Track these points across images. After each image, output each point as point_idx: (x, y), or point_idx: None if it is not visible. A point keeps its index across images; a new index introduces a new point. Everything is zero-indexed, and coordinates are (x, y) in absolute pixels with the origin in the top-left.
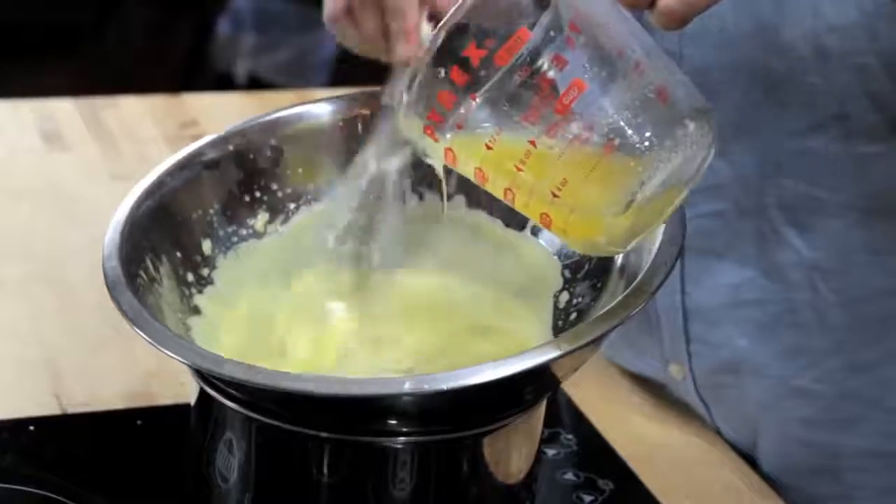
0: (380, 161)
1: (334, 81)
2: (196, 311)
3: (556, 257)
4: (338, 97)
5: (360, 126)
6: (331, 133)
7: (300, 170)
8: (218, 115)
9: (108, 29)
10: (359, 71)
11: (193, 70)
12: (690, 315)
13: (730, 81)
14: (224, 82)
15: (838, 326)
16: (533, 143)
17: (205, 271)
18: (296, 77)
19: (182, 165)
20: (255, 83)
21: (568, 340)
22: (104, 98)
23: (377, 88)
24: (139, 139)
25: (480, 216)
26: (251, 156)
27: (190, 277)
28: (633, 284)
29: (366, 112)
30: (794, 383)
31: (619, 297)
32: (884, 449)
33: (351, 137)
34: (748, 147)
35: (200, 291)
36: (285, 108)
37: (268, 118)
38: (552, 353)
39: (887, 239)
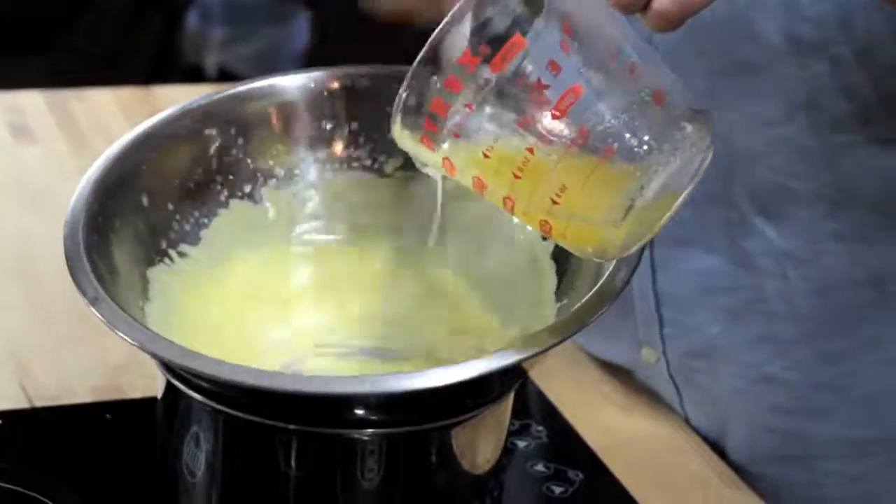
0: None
1: None
2: (157, 293)
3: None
4: (307, 70)
5: (328, 100)
6: (298, 107)
7: (266, 145)
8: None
9: (79, 22)
10: (332, 63)
11: (163, 63)
12: (662, 300)
13: (701, 69)
14: (194, 75)
15: (808, 315)
16: (531, 150)
17: (168, 251)
18: (266, 70)
19: (140, 143)
20: (225, 76)
21: (538, 341)
22: (73, 91)
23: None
24: (108, 132)
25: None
26: (214, 131)
27: (153, 258)
28: (604, 278)
29: (335, 86)
30: (765, 371)
31: (591, 292)
32: (853, 437)
33: (319, 112)
34: (719, 135)
35: (163, 271)
36: (249, 81)
37: (230, 92)
38: (521, 355)
39: (857, 228)
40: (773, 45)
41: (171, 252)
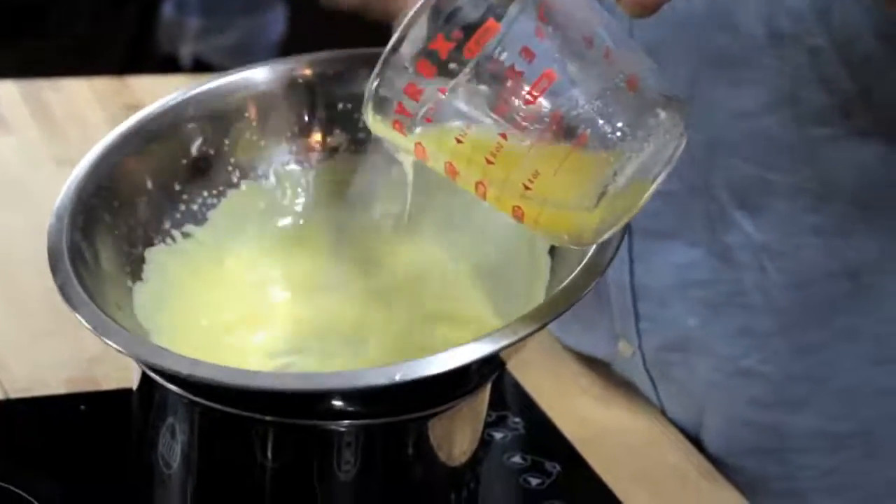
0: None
1: None
2: (139, 288)
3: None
4: (281, 60)
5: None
6: (275, 98)
7: (243, 137)
8: (164, 98)
9: (53, 12)
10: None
11: (138, 54)
12: (639, 294)
13: (681, 60)
14: (169, 66)
15: (785, 308)
16: (504, 135)
17: (139, 270)
18: (241, 61)
19: (124, 141)
20: (201, 66)
21: (512, 331)
22: (48, 81)
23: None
24: (84, 123)
25: None
26: (195, 127)
27: (134, 256)
28: (580, 267)
29: (308, 72)
30: (742, 364)
31: (567, 280)
32: (829, 430)
33: (298, 102)
34: (698, 128)
35: (138, 281)
36: (225, 74)
37: (208, 87)
38: (497, 345)
39: (836, 221)
40: (753, 37)
41: (174, 232)
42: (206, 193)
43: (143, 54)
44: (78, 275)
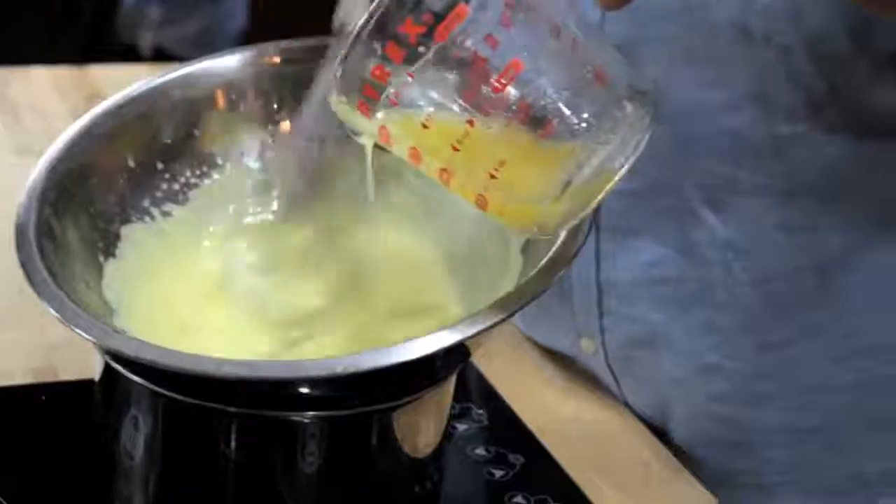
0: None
1: None
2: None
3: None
4: (247, 48)
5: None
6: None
7: (212, 126)
8: (125, 87)
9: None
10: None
11: (97, 43)
12: (605, 290)
13: (651, 57)
14: (129, 56)
15: (750, 305)
16: (471, 122)
17: (115, 240)
18: (203, 50)
19: (106, 118)
20: (161, 56)
21: (474, 322)
22: (7, 69)
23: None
24: (45, 112)
25: None
26: (159, 116)
27: (101, 245)
28: (545, 260)
29: (276, 60)
30: (707, 360)
31: (532, 272)
32: (793, 425)
33: (264, 94)
34: (667, 125)
35: (111, 258)
36: (191, 62)
37: (174, 75)
38: (458, 336)
39: (803, 218)
40: (723, 35)
41: (154, 210)
42: (188, 173)
43: (103, 44)
44: (42, 251)
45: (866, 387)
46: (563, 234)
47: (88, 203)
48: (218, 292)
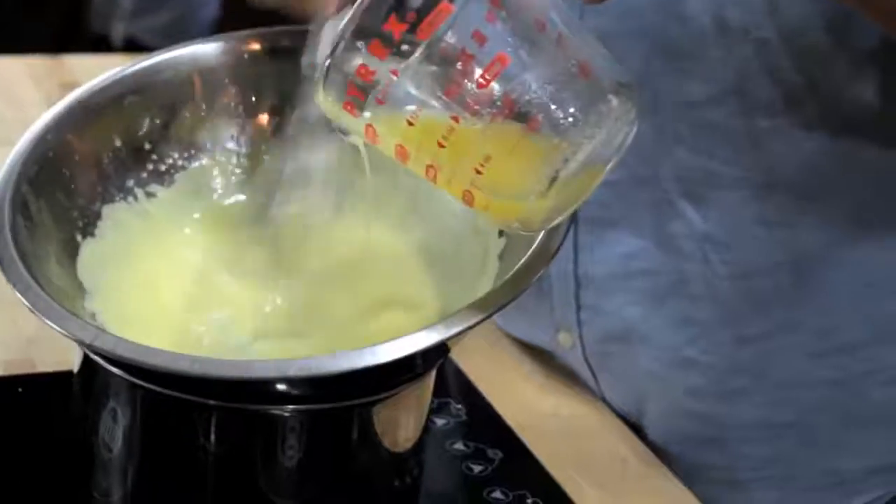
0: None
1: None
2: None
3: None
4: (226, 35)
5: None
6: (220, 73)
7: (189, 115)
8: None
9: None
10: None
11: (69, 34)
12: (582, 283)
13: (630, 50)
14: (100, 46)
15: (728, 298)
16: (456, 118)
17: (95, 219)
18: (174, 41)
19: (71, 112)
20: (133, 47)
21: (455, 322)
22: None
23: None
24: (19, 101)
25: None
26: (149, 96)
27: (80, 224)
28: (527, 255)
29: (256, 47)
30: (683, 354)
31: (511, 271)
32: (768, 420)
33: (245, 79)
34: (646, 117)
35: (89, 237)
36: (171, 49)
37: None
38: (444, 334)
39: (781, 212)
40: (701, 28)
41: (138, 191)
42: (176, 155)
43: (74, 34)
44: (14, 229)
45: (842, 383)
46: (542, 233)
47: (70, 180)
48: (197, 279)
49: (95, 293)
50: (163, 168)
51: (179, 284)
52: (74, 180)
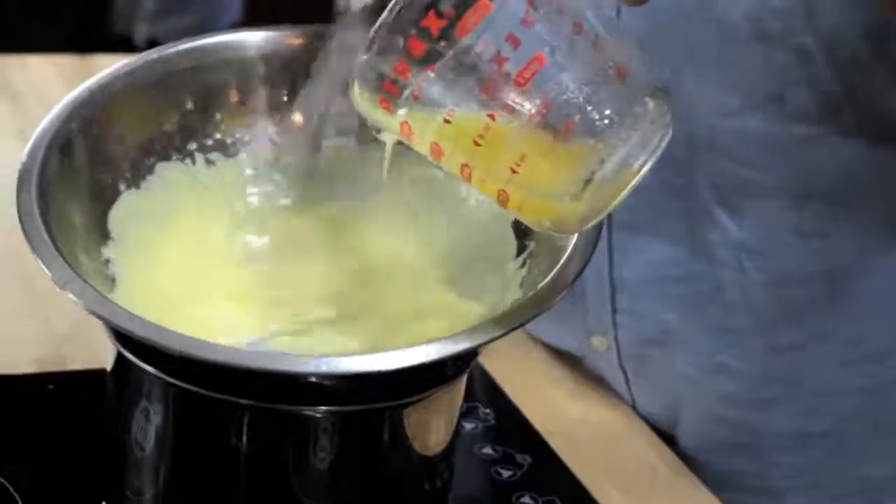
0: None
1: None
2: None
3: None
4: (266, 28)
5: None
6: (258, 65)
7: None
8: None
9: None
10: None
11: (91, 34)
12: (618, 287)
13: (667, 55)
14: (123, 47)
15: (763, 307)
16: (492, 117)
17: (146, 173)
18: None
19: (147, 65)
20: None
21: (493, 328)
22: (10, 56)
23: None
24: (48, 99)
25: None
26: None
27: (128, 175)
28: (559, 265)
29: (297, 42)
30: (718, 360)
31: (546, 280)
32: (802, 429)
33: (280, 72)
34: (681, 125)
35: (133, 188)
36: (212, 34)
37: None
38: (478, 340)
39: (816, 221)
40: (738, 35)
41: (198, 155)
42: (244, 132)
43: (96, 35)
44: (43, 170)
45: (874, 392)
46: (574, 237)
47: (126, 129)
48: (231, 265)
49: (120, 242)
50: (229, 141)
51: (208, 258)
52: (132, 130)
